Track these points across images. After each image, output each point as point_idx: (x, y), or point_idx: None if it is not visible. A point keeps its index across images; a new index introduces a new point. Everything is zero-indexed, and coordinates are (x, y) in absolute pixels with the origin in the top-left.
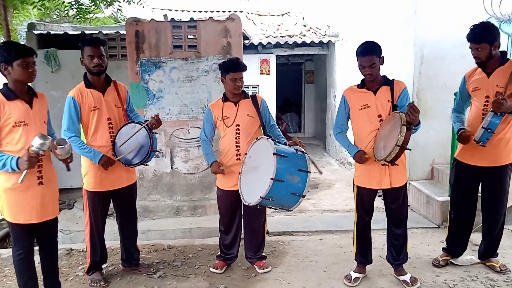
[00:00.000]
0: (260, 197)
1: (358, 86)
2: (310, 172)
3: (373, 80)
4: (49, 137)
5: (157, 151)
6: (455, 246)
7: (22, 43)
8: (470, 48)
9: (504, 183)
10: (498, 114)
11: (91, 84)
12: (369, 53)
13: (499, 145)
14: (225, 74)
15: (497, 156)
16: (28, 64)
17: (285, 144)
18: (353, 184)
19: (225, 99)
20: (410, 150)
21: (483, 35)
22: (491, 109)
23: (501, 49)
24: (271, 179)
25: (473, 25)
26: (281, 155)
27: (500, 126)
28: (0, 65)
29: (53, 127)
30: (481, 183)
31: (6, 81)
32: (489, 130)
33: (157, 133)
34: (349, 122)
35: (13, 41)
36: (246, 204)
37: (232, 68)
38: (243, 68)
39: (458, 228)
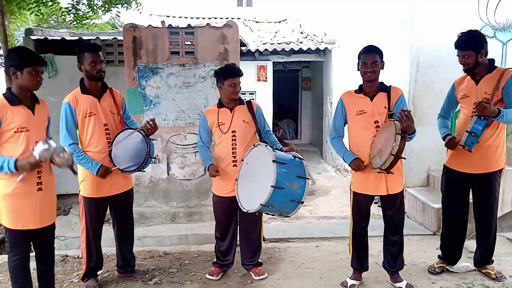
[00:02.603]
0: (260, 204)
1: (355, 91)
2: (309, 179)
3: (372, 82)
4: (53, 143)
5: (154, 157)
6: (449, 253)
7: None
8: (457, 55)
9: (493, 189)
10: (482, 118)
11: (87, 90)
12: (373, 51)
13: (487, 152)
14: (223, 80)
15: (486, 163)
16: (37, 72)
17: (281, 150)
18: (350, 190)
19: (220, 105)
20: (405, 159)
21: (469, 43)
22: (475, 113)
23: (496, 56)
24: (272, 186)
25: (461, 33)
26: (280, 162)
27: (488, 132)
28: (9, 69)
29: (51, 133)
30: (471, 190)
31: (9, 86)
32: (473, 134)
33: (154, 139)
34: (346, 128)
35: (26, 48)
36: (245, 211)
37: (231, 74)
38: (240, 73)
39: (450, 235)
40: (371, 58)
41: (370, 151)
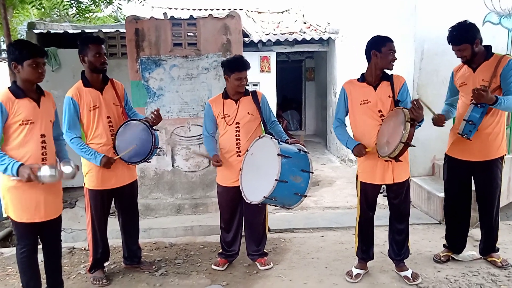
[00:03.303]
0: (264, 197)
1: (358, 79)
2: (312, 173)
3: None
4: (60, 171)
5: (159, 148)
6: (454, 242)
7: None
8: (452, 50)
9: (495, 176)
10: (479, 106)
11: (89, 83)
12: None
13: (487, 139)
14: (230, 73)
15: (486, 151)
16: (38, 64)
17: (286, 141)
18: (357, 180)
19: (225, 96)
20: (415, 146)
21: (461, 36)
22: (472, 101)
23: (502, 43)
24: (276, 180)
25: (451, 27)
26: (285, 156)
27: (487, 120)
28: (10, 63)
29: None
30: (473, 178)
31: (14, 79)
32: (471, 122)
33: (158, 130)
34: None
35: (25, 40)
36: (248, 202)
37: (238, 67)
38: (248, 66)
39: (454, 224)
40: (394, 47)
41: (377, 139)
